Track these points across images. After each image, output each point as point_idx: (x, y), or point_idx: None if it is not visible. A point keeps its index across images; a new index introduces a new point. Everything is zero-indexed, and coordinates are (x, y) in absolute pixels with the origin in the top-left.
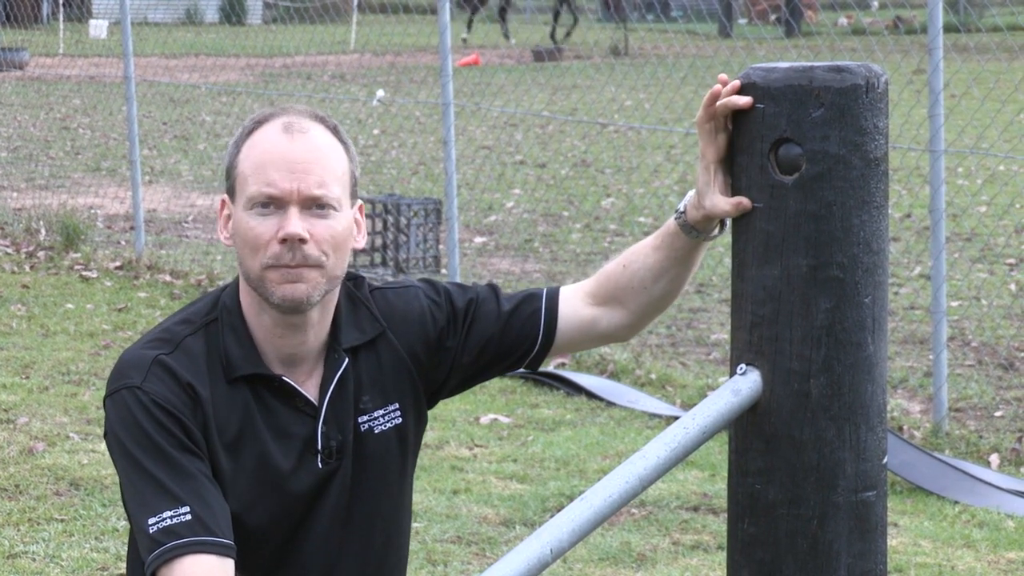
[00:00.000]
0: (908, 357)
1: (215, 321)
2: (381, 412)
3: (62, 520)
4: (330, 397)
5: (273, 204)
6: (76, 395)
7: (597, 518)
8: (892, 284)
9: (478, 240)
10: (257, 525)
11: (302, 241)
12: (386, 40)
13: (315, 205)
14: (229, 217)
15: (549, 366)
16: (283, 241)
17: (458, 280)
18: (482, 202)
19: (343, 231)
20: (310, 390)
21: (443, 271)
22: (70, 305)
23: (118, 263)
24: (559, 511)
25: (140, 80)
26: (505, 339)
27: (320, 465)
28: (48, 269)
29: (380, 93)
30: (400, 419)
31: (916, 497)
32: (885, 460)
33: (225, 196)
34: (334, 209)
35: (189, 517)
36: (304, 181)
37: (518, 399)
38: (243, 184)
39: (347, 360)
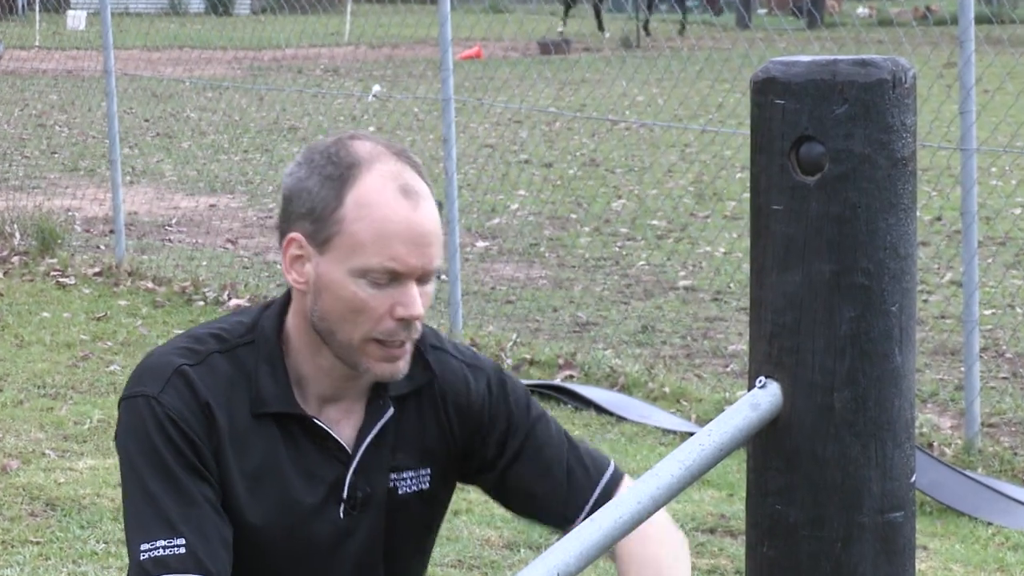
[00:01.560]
0: (938, 369)
1: (250, 345)
2: (412, 473)
3: (38, 543)
4: (367, 447)
5: (391, 278)
6: (52, 409)
7: (607, 541)
8: (921, 291)
9: (480, 245)
10: (267, 566)
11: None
12: (383, 32)
13: (427, 277)
14: (302, 259)
15: (556, 378)
16: (400, 320)
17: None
18: (485, 204)
19: None
20: (344, 432)
21: (443, 278)
22: (46, 314)
23: (97, 269)
24: (566, 533)
25: (121, 74)
26: (539, 501)
27: (342, 515)
28: (22, 275)
29: (376, 88)
30: (428, 485)
31: (947, 518)
32: (913, 479)
33: (299, 236)
34: (436, 275)
35: (183, 551)
36: (428, 256)
37: None
38: (353, 247)
39: (391, 410)
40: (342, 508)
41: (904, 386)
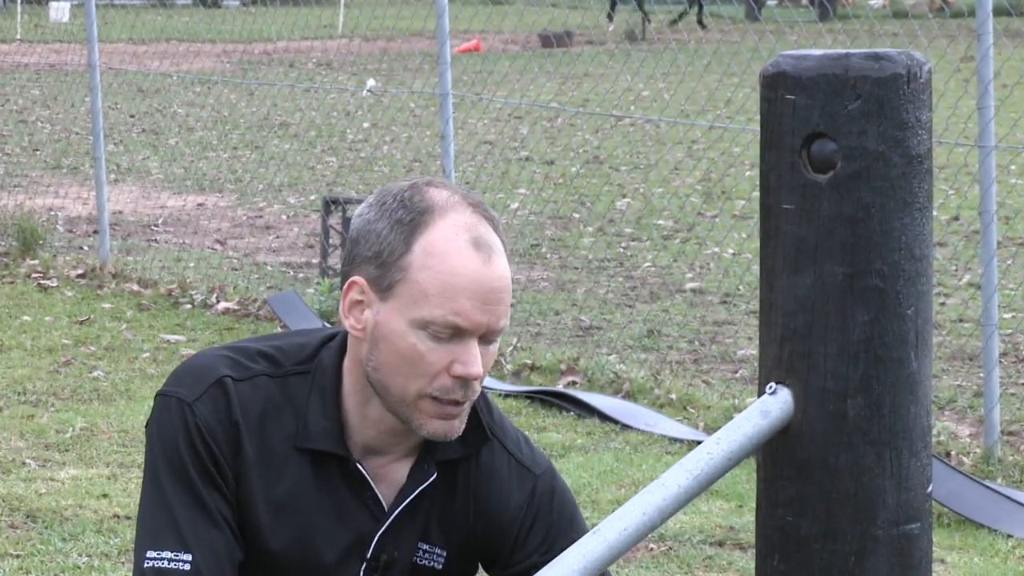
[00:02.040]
0: (956, 375)
1: (304, 376)
2: (427, 547)
3: (17, 556)
4: (403, 509)
5: (454, 333)
6: (33, 417)
7: (611, 554)
8: (938, 294)
9: None
10: None
11: (476, 380)
12: (378, 24)
13: (491, 336)
14: (362, 305)
15: (558, 384)
16: (457, 378)
17: None
18: None
19: None
20: (383, 487)
21: None
22: (27, 317)
23: (80, 271)
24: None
25: (105, 68)
26: None
27: (361, 575)
28: (2, 278)
29: (371, 83)
30: (441, 566)
31: (965, 530)
32: (930, 489)
33: (362, 280)
34: (501, 335)
35: (188, 567)
36: (495, 314)
37: (523, 422)
38: (417, 297)
39: (435, 476)
40: (364, 568)
41: (920, 392)
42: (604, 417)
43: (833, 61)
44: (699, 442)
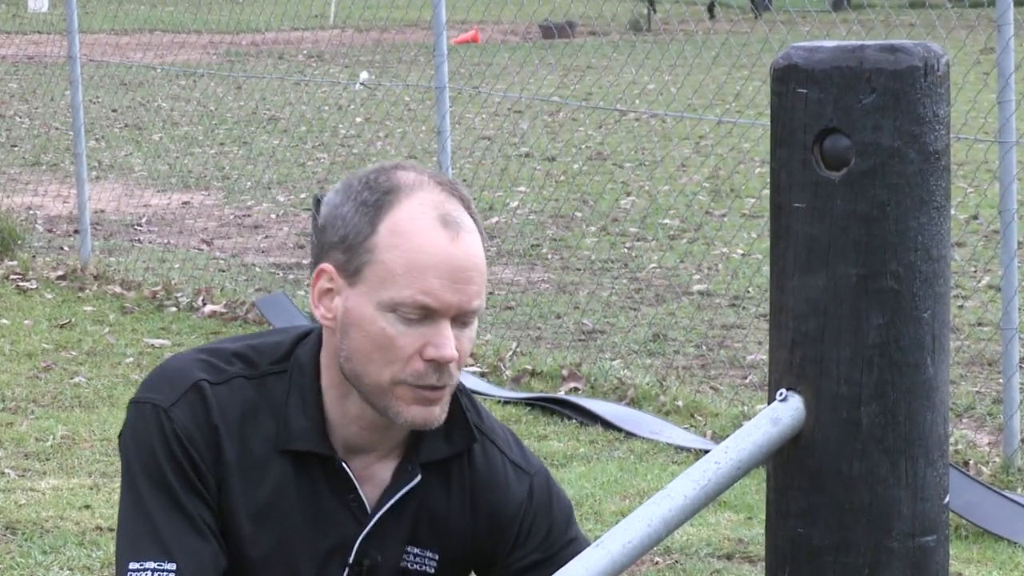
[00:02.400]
0: (975, 381)
1: (281, 375)
2: (418, 552)
3: None
4: (386, 511)
5: (424, 314)
6: (12, 425)
7: (615, 568)
8: (956, 296)
9: None
10: None
11: (449, 363)
12: (371, 14)
13: (465, 318)
14: (331, 293)
15: (560, 391)
16: (430, 361)
17: None
18: (482, 201)
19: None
20: (368, 489)
21: None
22: (5, 321)
23: (60, 272)
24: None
25: (86, 60)
26: None
27: None
28: None
29: (364, 75)
30: (433, 571)
31: (983, 543)
32: (947, 500)
33: (330, 267)
34: (476, 316)
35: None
36: (466, 293)
37: (523, 429)
38: (384, 278)
39: (419, 478)
40: (347, 573)
41: (937, 399)
42: (607, 425)
43: (847, 53)
44: (707, 451)
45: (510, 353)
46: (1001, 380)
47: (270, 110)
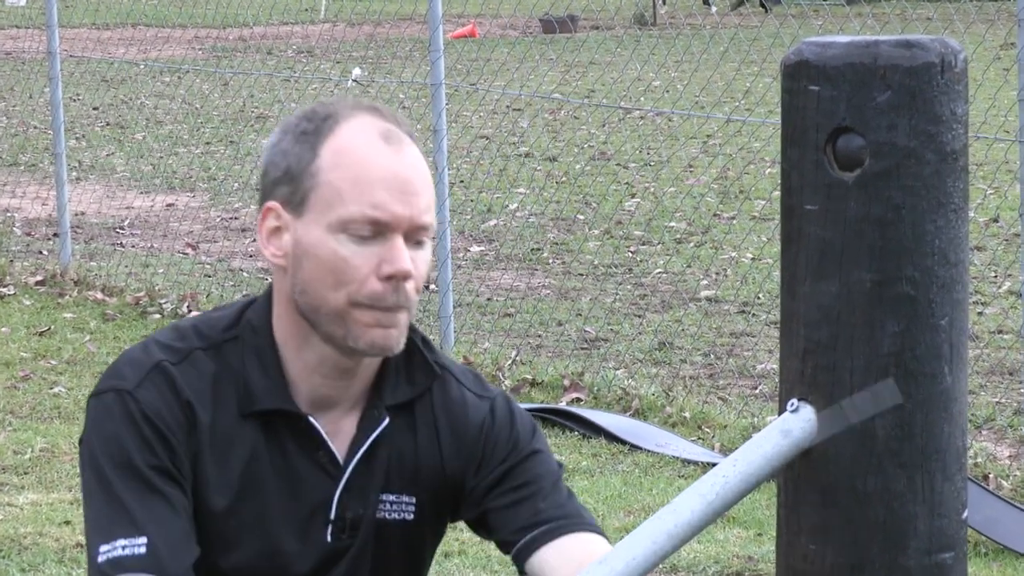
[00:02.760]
0: (995, 391)
1: (234, 340)
2: (394, 498)
3: None
4: (359, 460)
5: (375, 231)
6: None
7: None
8: (975, 303)
9: (475, 249)
10: None
11: (405, 279)
12: (363, 7)
13: (417, 235)
14: (280, 231)
15: (561, 401)
16: (387, 278)
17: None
18: (480, 203)
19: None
20: (338, 444)
21: (432, 287)
22: None
23: (39, 277)
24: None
25: (66, 56)
26: (497, 521)
27: (329, 539)
28: None
29: (356, 72)
30: (412, 516)
31: (1003, 560)
32: (965, 515)
33: (276, 204)
34: (430, 238)
35: (143, 550)
36: (415, 206)
37: None
38: (331, 199)
39: (387, 420)
40: (330, 531)
41: (955, 410)
42: (611, 437)
43: (861, 49)
44: (714, 464)
45: (509, 362)
46: (1022, 390)
47: (258, 108)
